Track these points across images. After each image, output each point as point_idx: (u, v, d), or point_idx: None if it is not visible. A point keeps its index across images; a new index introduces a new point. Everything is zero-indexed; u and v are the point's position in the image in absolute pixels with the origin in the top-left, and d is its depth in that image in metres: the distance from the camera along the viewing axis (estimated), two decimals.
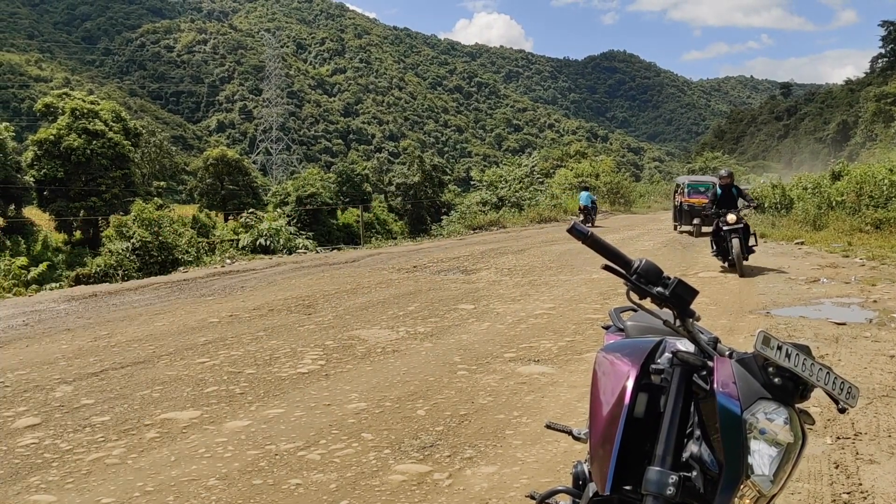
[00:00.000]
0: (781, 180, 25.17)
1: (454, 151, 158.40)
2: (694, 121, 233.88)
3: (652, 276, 1.81)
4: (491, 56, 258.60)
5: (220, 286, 12.68)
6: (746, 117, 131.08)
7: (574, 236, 1.84)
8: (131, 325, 9.01)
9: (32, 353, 7.53)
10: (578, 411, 5.05)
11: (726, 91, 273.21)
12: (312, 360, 6.85)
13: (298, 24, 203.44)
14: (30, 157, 34.69)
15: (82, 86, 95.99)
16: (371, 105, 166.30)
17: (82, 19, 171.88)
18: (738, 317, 8.42)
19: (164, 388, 5.97)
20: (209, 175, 47.62)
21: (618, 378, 1.88)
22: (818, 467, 4.07)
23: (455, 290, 11.27)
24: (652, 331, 2.19)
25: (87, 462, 4.41)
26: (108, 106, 39.41)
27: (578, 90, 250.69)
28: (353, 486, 3.96)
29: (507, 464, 4.23)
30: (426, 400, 5.49)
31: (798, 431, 1.62)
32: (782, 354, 1.61)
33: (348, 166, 49.92)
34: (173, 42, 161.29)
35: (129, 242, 17.23)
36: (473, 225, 28.85)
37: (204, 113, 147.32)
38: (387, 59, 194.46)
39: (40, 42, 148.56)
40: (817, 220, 19.37)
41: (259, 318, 9.14)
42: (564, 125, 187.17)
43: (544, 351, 6.99)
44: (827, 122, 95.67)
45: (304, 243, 23.14)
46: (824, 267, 12.66)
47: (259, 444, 4.63)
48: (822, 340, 7.05)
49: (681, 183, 24.12)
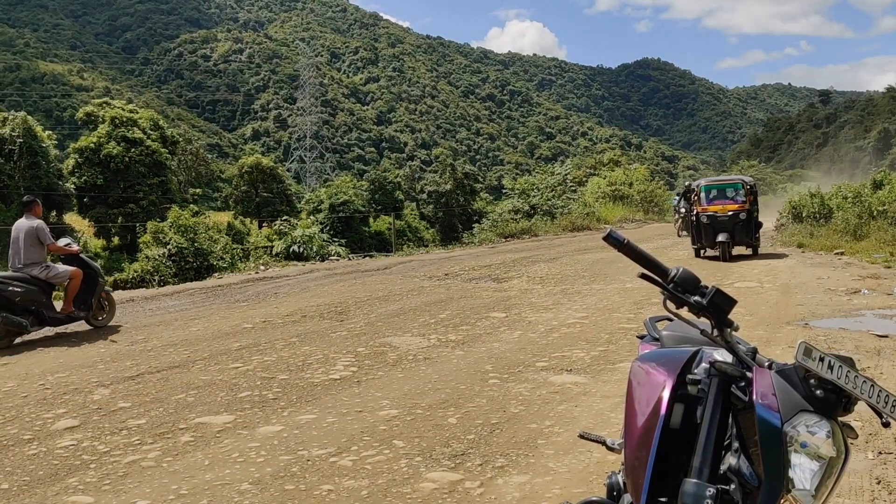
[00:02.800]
0: (820, 189, 24.32)
1: (486, 159, 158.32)
2: (729, 129, 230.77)
3: (689, 285, 1.79)
4: (524, 64, 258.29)
5: (254, 292, 12.82)
6: (784, 125, 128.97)
7: (610, 244, 1.83)
8: (167, 329, 9.15)
9: (72, 356, 7.69)
10: (612, 422, 4.99)
11: (763, 99, 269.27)
12: (344, 366, 6.88)
13: (333, 34, 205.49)
14: (71, 165, 35.47)
15: (122, 95, 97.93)
16: (404, 113, 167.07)
17: (123, 30, 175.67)
18: (776, 328, 8.26)
19: (198, 393, 6.04)
20: (244, 182, 48.24)
21: (653, 388, 1.85)
22: (860, 483, 3.97)
23: (486, 298, 11.25)
24: (688, 340, 2.16)
25: (124, 464, 4.48)
26: (146, 114, 40.17)
27: (612, 98, 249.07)
28: (385, 493, 3.96)
29: (538, 473, 4.19)
30: (457, 408, 5.48)
31: (841, 445, 1.58)
32: (824, 366, 1.57)
33: (381, 174, 50.14)
34: (210, 52, 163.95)
35: (166, 248, 17.51)
36: (505, 233, 28.76)
37: (239, 121, 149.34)
38: (420, 67, 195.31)
39: (82, 53, 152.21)
40: (858, 230, 18.93)
41: (292, 324, 9.22)
42: (598, 133, 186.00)
43: (577, 360, 6.93)
44: (868, 130, 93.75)
45: (336, 250, 23.32)
46: (865, 278, 12.37)
47: (291, 449, 4.65)
48: (863, 353, 6.89)
49: (695, 187, 18.15)
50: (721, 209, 16.13)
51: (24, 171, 30.91)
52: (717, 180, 18.21)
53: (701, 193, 16.94)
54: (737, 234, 16.06)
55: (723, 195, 16.67)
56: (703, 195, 16.84)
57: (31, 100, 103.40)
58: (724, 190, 16.90)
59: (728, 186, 17.05)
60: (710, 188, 17.06)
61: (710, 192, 16.84)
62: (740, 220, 15.93)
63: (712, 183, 17.58)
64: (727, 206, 16.14)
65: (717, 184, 17.49)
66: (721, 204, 16.27)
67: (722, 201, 16.38)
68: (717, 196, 16.69)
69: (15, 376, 6.84)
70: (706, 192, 16.90)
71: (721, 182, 17.70)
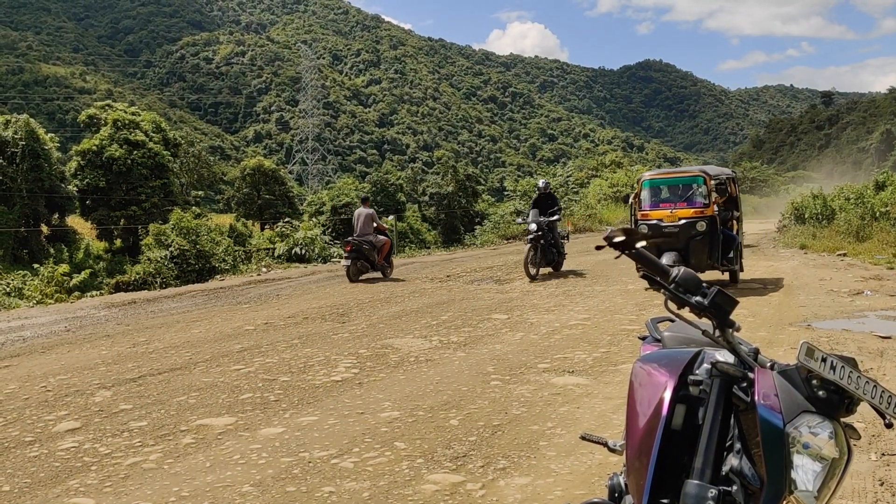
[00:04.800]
0: (822, 190, 24.26)
1: (488, 161, 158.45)
2: (731, 130, 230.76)
3: (691, 286, 1.78)
4: (525, 66, 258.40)
5: (256, 294, 12.82)
6: (786, 127, 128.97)
7: (611, 246, 1.82)
8: (169, 331, 9.15)
9: (73, 358, 7.69)
10: (614, 423, 4.98)
11: (765, 100, 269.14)
12: (346, 368, 6.88)
13: (334, 36, 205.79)
14: (73, 167, 35.56)
15: (124, 97, 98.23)
16: (406, 115, 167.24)
17: (125, 33, 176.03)
18: (778, 329, 8.24)
19: (200, 395, 6.04)
20: (246, 185, 48.32)
21: (655, 389, 1.84)
22: (862, 484, 3.95)
23: (488, 299, 11.24)
24: (690, 341, 2.15)
25: (125, 466, 4.48)
26: (148, 117, 40.23)
27: (614, 100, 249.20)
28: (386, 494, 3.95)
29: (540, 475, 4.18)
30: (459, 410, 5.47)
31: (843, 446, 1.57)
32: (827, 366, 1.56)
33: (383, 176, 50.18)
34: (212, 54, 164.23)
35: (168, 251, 17.52)
36: (507, 235, 28.78)
37: (241, 123, 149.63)
38: (421, 69, 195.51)
39: (85, 55, 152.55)
40: (860, 232, 18.92)
41: (294, 326, 9.22)
42: (600, 135, 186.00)
43: (579, 362, 6.92)
44: (870, 132, 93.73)
45: (338, 252, 23.29)
46: (868, 279, 12.35)
47: (293, 451, 4.65)
48: (866, 354, 6.87)
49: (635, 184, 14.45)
50: (668, 216, 11.42)
51: (27, 174, 30.99)
52: (667, 173, 13.04)
53: (643, 192, 12.03)
54: (692, 253, 11.12)
55: (675, 194, 11.80)
56: (646, 195, 11.99)
57: (34, 102, 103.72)
58: (677, 187, 11.88)
59: (682, 182, 11.94)
60: (656, 184, 12.14)
61: (656, 191, 12.04)
62: (698, 233, 11.10)
63: (659, 177, 12.52)
64: (678, 210, 11.41)
65: (665, 178, 12.38)
66: (670, 208, 11.55)
67: (671, 204, 11.63)
68: (667, 196, 11.89)
69: (16, 378, 6.84)
70: (650, 189, 12.04)
71: (672, 176, 12.43)
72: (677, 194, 11.74)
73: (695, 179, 11.69)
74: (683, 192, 11.67)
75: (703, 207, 11.26)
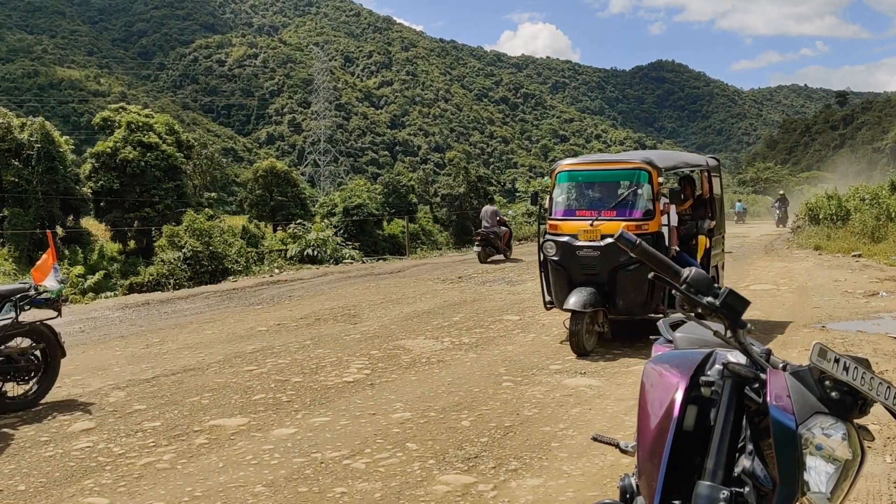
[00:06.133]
0: (837, 191, 24.06)
1: (500, 162, 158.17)
2: (745, 131, 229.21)
3: (702, 286, 1.78)
4: (537, 67, 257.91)
5: (269, 295, 12.87)
6: (800, 127, 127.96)
7: (622, 245, 1.82)
8: (182, 332, 9.20)
9: (88, 358, 7.75)
10: (625, 424, 4.97)
11: (779, 100, 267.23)
12: (358, 369, 6.89)
13: (346, 38, 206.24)
14: (88, 169, 35.79)
15: (138, 100, 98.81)
16: (417, 117, 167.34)
17: (139, 35, 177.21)
18: (792, 330, 8.19)
19: (213, 395, 6.07)
20: (258, 186, 48.45)
21: (666, 390, 1.84)
22: (877, 486, 3.92)
23: (500, 300, 11.23)
24: (701, 342, 2.14)
25: (139, 466, 4.51)
26: (162, 119, 40.45)
27: (626, 100, 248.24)
28: (398, 495, 3.96)
29: (552, 476, 4.18)
30: (471, 411, 5.47)
31: (857, 448, 1.56)
32: (840, 367, 1.56)
33: (394, 177, 50.19)
34: (225, 56, 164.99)
35: (181, 252, 17.58)
36: (518, 236, 28.72)
37: (254, 125, 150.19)
38: (433, 71, 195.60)
39: (99, 58, 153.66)
40: (875, 233, 18.75)
41: (306, 328, 9.24)
42: (612, 135, 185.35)
43: (591, 363, 6.91)
44: (885, 132, 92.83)
45: (350, 253, 23.30)
46: (883, 280, 12.24)
47: (305, 451, 4.67)
48: (881, 356, 6.81)
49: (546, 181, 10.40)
50: (587, 230, 7.58)
51: (42, 176, 31.23)
52: (594, 163, 8.40)
53: (555, 190, 8.16)
54: (620, 291, 7.42)
55: (606, 195, 7.94)
56: (561, 195, 8.17)
57: (49, 105, 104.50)
58: (606, 184, 8.04)
59: (614, 176, 8.06)
60: (576, 178, 8.21)
61: (577, 190, 8.21)
62: (630, 261, 7.13)
63: (582, 168, 8.36)
64: (602, 223, 7.49)
65: (591, 170, 8.29)
66: (591, 217, 7.67)
67: (594, 211, 7.76)
68: (592, 199, 8.04)
69: None
70: (568, 187, 8.20)
71: (602, 167, 8.24)
72: (606, 196, 7.89)
73: (633, 174, 7.70)
74: (614, 194, 7.83)
75: (644, 220, 7.44)
